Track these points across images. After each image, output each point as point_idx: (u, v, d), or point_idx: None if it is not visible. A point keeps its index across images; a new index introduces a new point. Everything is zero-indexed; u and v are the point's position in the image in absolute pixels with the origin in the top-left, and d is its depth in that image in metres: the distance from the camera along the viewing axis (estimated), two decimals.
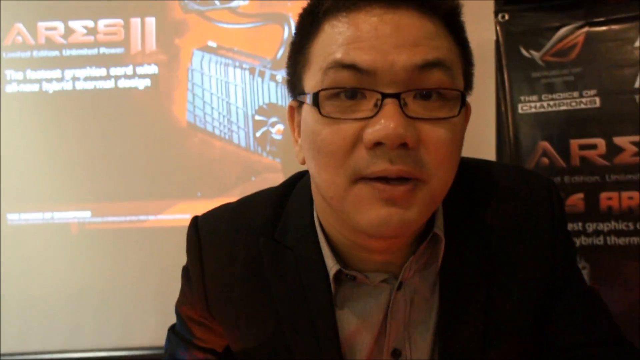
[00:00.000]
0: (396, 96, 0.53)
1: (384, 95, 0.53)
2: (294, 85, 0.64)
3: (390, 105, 0.53)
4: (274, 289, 0.69)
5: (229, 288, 0.71)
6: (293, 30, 0.65)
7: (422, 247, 0.65)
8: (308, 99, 0.57)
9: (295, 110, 0.65)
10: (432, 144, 0.55)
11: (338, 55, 0.55)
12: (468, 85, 0.62)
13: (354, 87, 0.54)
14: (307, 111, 0.59)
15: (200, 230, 0.73)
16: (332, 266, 0.66)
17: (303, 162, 0.64)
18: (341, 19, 0.56)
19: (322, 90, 0.55)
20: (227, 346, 0.78)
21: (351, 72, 0.54)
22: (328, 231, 0.67)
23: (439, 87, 0.55)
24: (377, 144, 0.53)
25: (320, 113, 0.55)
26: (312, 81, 0.58)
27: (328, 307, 0.67)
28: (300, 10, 0.63)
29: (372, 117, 0.54)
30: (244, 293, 0.71)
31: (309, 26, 0.60)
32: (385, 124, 0.52)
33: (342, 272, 0.66)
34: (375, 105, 0.53)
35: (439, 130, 0.55)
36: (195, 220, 0.75)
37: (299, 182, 0.75)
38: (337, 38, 0.56)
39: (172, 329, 0.82)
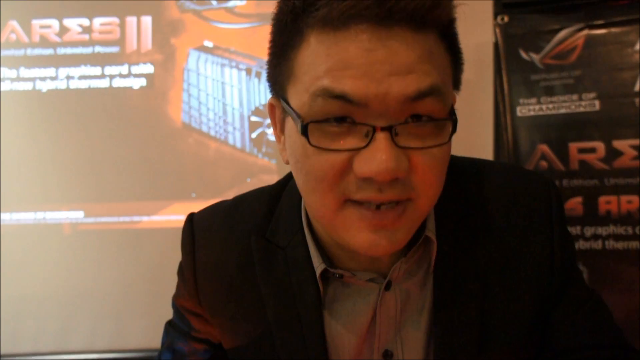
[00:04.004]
0: (388, 129, 0.52)
1: (375, 128, 0.52)
2: (275, 84, 0.61)
3: (381, 138, 0.51)
4: (264, 287, 0.70)
5: (220, 284, 0.72)
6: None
7: (412, 250, 0.65)
8: (294, 119, 0.55)
9: (276, 107, 0.63)
10: (421, 169, 0.54)
11: (326, 81, 0.52)
12: (456, 85, 0.60)
13: (344, 117, 0.53)
14: (293, 128, 0.57)
15: (195, 227, 0.75)
16: (318, 265, 0.66)
17: (287, 163, 0.63)
18: (329, 34, 0.53)
19: (311, 122, 0.53)
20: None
21: (341, 101, 0.52)
22: (316, 229, 0.68)
23: (431, 115, 0.53)
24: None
25: (309, 143, 0.54)
26: (297, 100, 0.56)
27: (316, 306, 0.67)
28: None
29: (362, 147, 0.52)
30: (234, 290, 0.71)
31: (290, 28, 0.56)
32: (377, 159, 0.51)
33: (329, 271, 0.66)
34: (366, 135, 0.52)
35: (429, 156, 0.54)
36: (191, 216, 0.77)
37: (290, 181, 0.74)
38: (325, 59, 0.52)
39: (170, 323, 0.83)
